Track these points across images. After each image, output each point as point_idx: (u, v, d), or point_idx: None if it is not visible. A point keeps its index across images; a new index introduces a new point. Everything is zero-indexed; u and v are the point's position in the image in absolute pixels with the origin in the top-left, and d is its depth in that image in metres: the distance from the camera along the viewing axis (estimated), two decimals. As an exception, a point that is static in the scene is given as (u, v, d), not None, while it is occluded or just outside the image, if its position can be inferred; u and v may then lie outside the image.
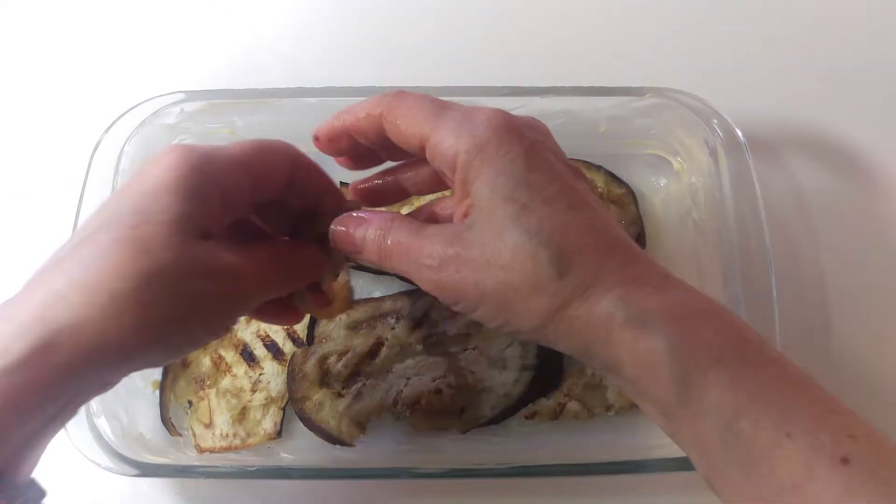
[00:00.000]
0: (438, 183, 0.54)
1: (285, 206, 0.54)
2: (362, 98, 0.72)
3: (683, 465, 0.63)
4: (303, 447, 0.70)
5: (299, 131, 0.77)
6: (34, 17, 0.90)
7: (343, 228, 0.52)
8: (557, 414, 0.70)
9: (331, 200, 0.55)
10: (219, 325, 0.49)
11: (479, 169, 0.45)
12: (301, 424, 0.70)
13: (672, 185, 0.78)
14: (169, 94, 0.72)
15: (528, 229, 0.44)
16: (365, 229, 0.50)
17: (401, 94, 0.51)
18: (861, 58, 0.86)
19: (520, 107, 0.73)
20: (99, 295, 0.41)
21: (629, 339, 0.42)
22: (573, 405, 0.70)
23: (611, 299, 0.43)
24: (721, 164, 0.70)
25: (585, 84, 0.72)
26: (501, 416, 0.70)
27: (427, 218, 0.55)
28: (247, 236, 0.53)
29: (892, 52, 0.86)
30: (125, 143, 0.71)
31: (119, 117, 0.71)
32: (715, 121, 0.71)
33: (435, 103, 0.50)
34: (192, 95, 0.73)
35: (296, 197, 0.53)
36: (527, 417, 0.70)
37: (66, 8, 0.90)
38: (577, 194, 0.46)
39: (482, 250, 0.45)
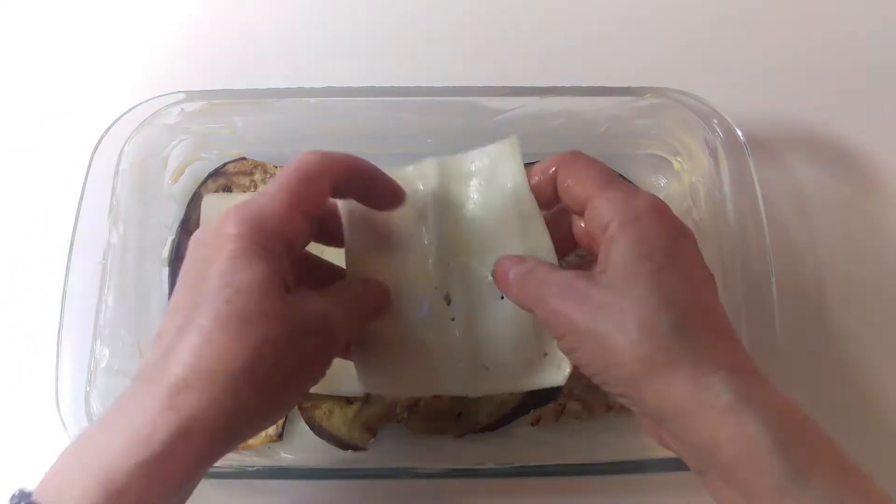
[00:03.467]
0: (571, 240, 0.58)
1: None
2: (362, 98, 0.73)
3: (683, 465, 0.63)
4: (303, 447, 0.70)
5: (299, 131, 0.78)
6: (34, 17, 0.90)
7: (505, 262, 0.57)
8: (559, 415, 0.70)
9: (379, 183, 0.57)
10: (320, 374, 0.51)
11: (629, 235, 0.48)
12: (302, 425, 0.70)
13: (672, 185, 0.78)
14: (169, 94, 0.72)
15: (658, 285, 0.46)
16: (520, 264, 0.55)
17: (575, 155, 0.55)
18: (861, 58, 0.86)
19: (520, 107, 0.73)
20: (217, 377, 0.43)
21: (732, 423, 0.43)
22: (573, 405, 0.70)
23: (720, 378, 0.44)
24: (721, 164, 0.70)
25: (585, 84, 0.72)
26: (498, 424, 0.70)
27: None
28: (308, 270, 0.57)
29: (892, 52, 0.86)
30: (125, 143, 0.71)
31: (119, 117, 0.71)
32: (715, 121, 0.71)
33: (604, 171, 0.54)
34: (192, 95, 0.73)
35: (346, 194, 0.56)
36: (532, 424, 0.70)
37: (66, 8, 0.90)
38: (708, 279, 0.50)
39: (607, 292, 0.47)
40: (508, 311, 0.61)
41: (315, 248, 0.67)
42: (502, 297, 0.62)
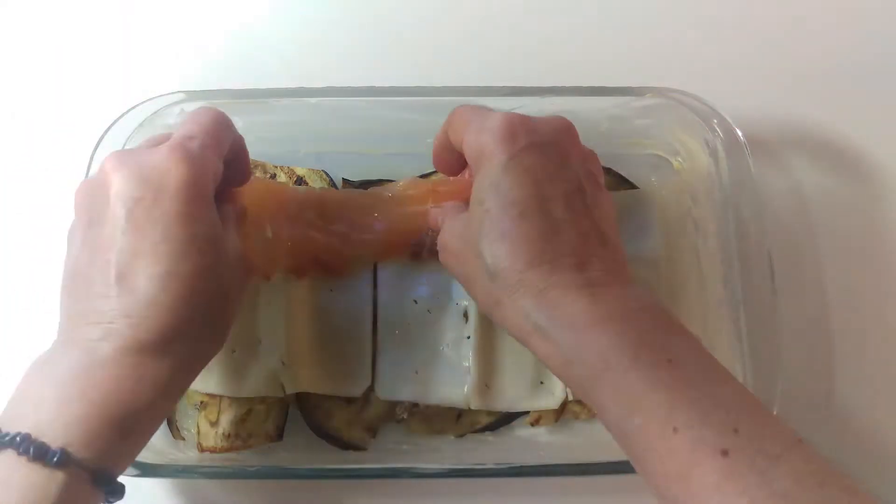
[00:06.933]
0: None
1: None
2: (362, 98, 0.73)
3: (683, 465, 0.63)
4: (303, 447, 0.70)
5: (299, 131, 0.78)
6: (34, 17, 0.90)
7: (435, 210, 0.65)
8: (559, 415, 0.70)
9: (243, 160, 0.62)
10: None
11: (478, 169, 0.52)
12: (302, 425, 0.70)
13: (672, 185, 0.78)
14: (169, 94, 0.72)
15: (482, 233, 0.50)
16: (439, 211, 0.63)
17: (458, 107, 0.58)
18: (862, 57, 0.86)
19: (520, 107, 0.72)
20: (205, 323, 0.50)
21: (539, 343, 0.48)
22: (573, 405, 0.70)
23: (527, 304, 0.48)
24: (721, 164, 0.70)
25: (585, 84, 0.72)
26: (498, 424, 0.70)
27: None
28: None
29: (892, 52, 0.86)
30: (125, 143, 0.71)
31: (119, 117, 0.71)
32: (715, 121, 0.71)
33: (473, 110, 0.57)
34: (192, 95, 0.73)
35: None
36: (532, 424, 0.70)
37: (66, 8, 0.90)
38: (535, 201, 0.49)
39: (460, 243, 0.54)
40: (513, 341, 0.67)
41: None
42: None
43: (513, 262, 0.48)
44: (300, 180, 0.77)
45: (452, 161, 0.61)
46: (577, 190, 0.52)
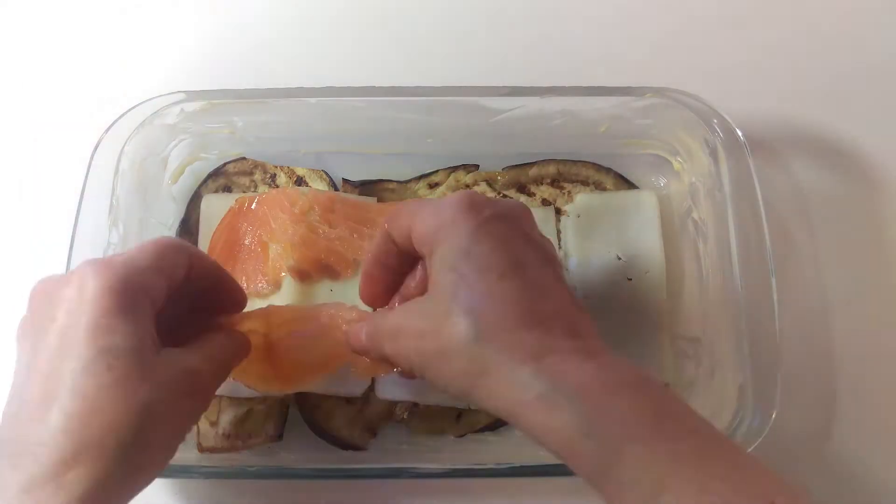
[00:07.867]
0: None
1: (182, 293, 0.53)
2: (362, 98, 0.73)
3: (683, 465, 0.63)
4: (303, 447, 0.70)
5: (299, 131, 0.78)
6: (34, 17, 0.90)
7: (351, 331, 0.56)
8: (558, 414, 0.70)
9: (225, 285, 0.58)
10: (189, 430, 0.52)
11: (438, 244, 0.48)
12: (302, 425, 0.70)
13: (672, 185, 0.78)
14: (169, 94, 0.72)
15: (458, 297, 0.45)
16: (360, 326, 0.54)
17: (396, 206, 0.56)
18: (861, 58, 0.86)
19: (520, 107, 0.73)
20: (108, 449, 0.42)
21: (542, 414, 0.43)
22: (573, 405, 0.70)
23: (526, 372, 0.43)
24: (721, 164, 0.70)
25: (585, 84, 0.72)
26: (498, 424, 0.70)
27: (403, 300, 0.58)
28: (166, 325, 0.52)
29: (892, 52, 0.86)
30: (125, 143, 0.71)
31: (119, 117, 0.71)
32: (715, 121, 0.71)
33: (416, 201, 0.55)
34: (192, 95, 0.73)
35: (194, 284, 0.54)
36: None
37: (66, 7, 0.90)
38: (513, 266, 0.46)
39: (425, 320, 0.47)
40: None
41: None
42: None
43: (501, 318, 0.44)
44: (300, 180, 0.77)
45: (392, 264, 0.56)
46: (552, 258, 0.49)
